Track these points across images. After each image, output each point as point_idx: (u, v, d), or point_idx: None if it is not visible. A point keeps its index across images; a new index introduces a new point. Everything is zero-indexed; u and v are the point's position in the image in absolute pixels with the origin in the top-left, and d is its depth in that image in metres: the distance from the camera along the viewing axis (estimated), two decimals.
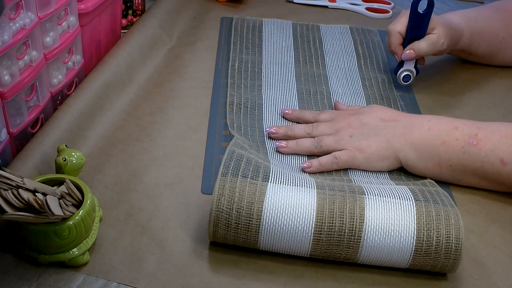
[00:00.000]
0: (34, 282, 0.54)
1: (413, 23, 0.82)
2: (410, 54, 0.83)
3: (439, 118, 0.70)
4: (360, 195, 0.58)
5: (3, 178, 0.51)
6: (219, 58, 0.92)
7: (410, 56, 0.83)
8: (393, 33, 0.84)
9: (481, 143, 0.66)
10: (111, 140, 0.73)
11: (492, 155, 0.66)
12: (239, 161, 0.60)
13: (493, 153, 0.66)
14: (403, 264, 0.57)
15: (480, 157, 0.66)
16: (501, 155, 0.65)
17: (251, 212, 0.56)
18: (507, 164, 0.65)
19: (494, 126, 0.68)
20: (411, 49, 0.83)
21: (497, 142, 0.66)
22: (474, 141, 0.66)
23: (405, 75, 0.85)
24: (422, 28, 0.82)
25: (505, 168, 0.66)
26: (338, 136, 0.71)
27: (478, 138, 0.66)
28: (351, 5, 1.13)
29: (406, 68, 0.85)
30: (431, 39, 0.82)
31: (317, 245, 0.56)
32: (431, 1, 0.81)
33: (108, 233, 0.60)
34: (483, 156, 0.66)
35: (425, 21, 0.82)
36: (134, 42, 0.88)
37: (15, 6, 0.61)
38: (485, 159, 0.66)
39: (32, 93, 0.67)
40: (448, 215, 0.57)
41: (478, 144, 0.66)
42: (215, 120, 0.78)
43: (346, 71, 0.90)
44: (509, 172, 0.66)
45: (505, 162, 0.65)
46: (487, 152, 0.66)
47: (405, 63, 0.85)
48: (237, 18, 1.03)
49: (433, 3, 0.81)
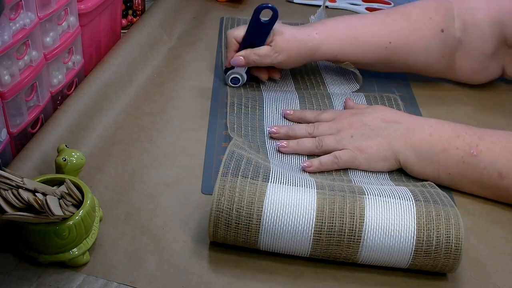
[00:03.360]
0: (34, 282, 0.54)
1: (252, 30, 0.79)
2: (239, 61, 0.81)
3: (441, 123, 0.69)
4: (360, 195, 0.58)
5: (3, 178, 0.51)
6: (219, 58, 0.92)
7: (239, 62, 0.81)
8: (229, 37, 0.83)
9: (481, 154, 0.66)
10: (111, 140, 0.73)
11: (491, 168, 0.65)
12: (239, 161, 0.60)
13: (492, 166, 0.65)
14: (403, 264, 0.57)
15: (479, 169, 0.66)
16: (500, 169, 0.65)
17: (251, 212, 0.56)
18: (505, 178, 0.65)
19: (495, 137, 0.67)
20: (242, 56, 0.81)
21: (497, 155, 0.65)
22: (474, 152, 0.66)
23: (233, 77, 0.84)
24: (262, 37, 0.80)
25: (503, 182, 0.65)
26: (339, 136, 0.71)
27: (479, 149, 0.66)
28: (351, 5, 1.13)
29: (236, 71, 0.83)
30: (263, 50, 0.80)
31: (317, 245, 0.56)
32: (275, 12, 0.78)
33: (108, 233, 0.60)
34: (482, 168, 0.66)
35: (266, 31, 0.79)
36: (134, 42, 0.88)
37: (15, 6, 0.61)
38: (484, 171, 0.65)
39: (32, 93, 0.67)
40: (448, 215, 0.57)
41: (478, 155, 0.66)
42: (215, 120, 0.78)
43: (346, 70, 0.90)
44: (507, 186, 0.65)
45: (503, 176, 0.65)
46: (486, 165, 0.65)
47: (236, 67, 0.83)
48: (238, 19, 1.03)
49: (276, 15, 0.78)
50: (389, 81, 0.89)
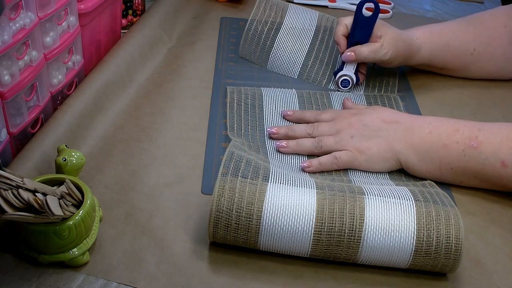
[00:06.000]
0: (34, 282, 0.54)
1: (356, 25, 0.81)
2: (350, 56, 0.82)
3: (440, 120, 0.70)
4: (360, 195, 0.58)
5: (3, 178, 0.51)
6: (219, 58, 0.92)
7: (350, 58, 0.82)
8: (341, 23, 0.83)
9: (482, 145, 0.66)
10: (111, 140, 0.73)
11: (492, 158, 0.66)
12: (239, 162, 0.60)
13: (494, 156, 0.65)
14: (403, 264, 0.57)
15: (480, 160, 0.66)
16: (502, 158, 0.65)
17: (251, 212, 0.56)
18: (508, 167, 0.65)
19: (495, 127, 0.68)
20: (352, 51, 0.82)
21: (498, 144, 0.66)
22: (474, 144, 0.66)
23: (344, 80, 0.84)
24: (366, 32, 0.81)
25: (506, 170, 0.65)
26: (339, 137, 0.71)
27: (479, 140, 0.66)
28: (351, 5, 1.13)
29: (345, 73, 0.84)
30: (373, 46, 0.81)
31: (317, 245, 0.56)
32: (377, 7, 0.79)
33: (108, 233, 0.60)
34: (484, 159, 0.66)
35: (370, 25, 0.80)
36: (134, 42, 0.88)
37: (15, 6, 0.61)
38: (485, 161, 0.66)
39: (32, 93, 0.67)
40: (448, 215, 0.57)
41: (478, 146, 0.66)
42: (215, 120, 0.78)
43: None
44: (510, 174, 0.65)
45: (506, 165, 0.65)
46: (488, 155, 0.66)
47: (345, 67, 0.84)
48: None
49: (378, 9, 0.79)
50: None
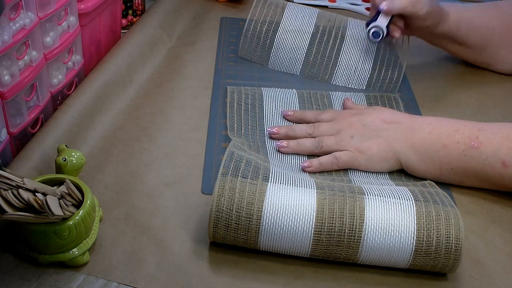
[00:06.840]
0: (34, 282, 0.54)
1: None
2: (389, 4, 0.80)
3: (440, 120, 0.70)
4: (360, 195, 0.58)
5: (3, 178, 0.51)
6: (219, 58, 0.92)
7: (389, 5, 0.79)
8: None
9: (482, 145, 0.66)
10: (111, 140, 0.73)
11: (493, 158, 0.65)
12: (239, 162, 0.60)
13: (494, 156, 0.65)
14: (403, 264, 0.57)
15: (481, 160, 0.66)
16: (502, 158, 0.65)
17: (251, 212, 0.56)
18: (508, 167, 0.65)
19: (495, 127, 0.68)
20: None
21: (498, 144, 0.66)
22: (475, 144, 0.66)
23: (374, 31, 0.83)
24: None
25: (507, 171, 0.65)
26: (339, 137, 0.71)
27: (479, 140, 0.66)
28: (351, 5, 1.13)
29: (378, 24, 0.82)
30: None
31: (317, 245, 0.56)
32: None
33: (108, 233, 0.60)
34: (484, 159, 0.66)
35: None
36: (134, 42, 0.88)
37: (15, 6, 0.61)
38: (486, 161, 0.66)
39: (32, 93, 0.67)
40: (448, 215, 0.57)
41: (479, 146, 0.66)
42: (215, 120, 0.78)
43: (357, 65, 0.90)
44: (510, 174, 0.65)
45: (507, 165, 0.65)
46: (488, 155, 0.66)
47: (379, 18, 0.82)
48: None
49: None
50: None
